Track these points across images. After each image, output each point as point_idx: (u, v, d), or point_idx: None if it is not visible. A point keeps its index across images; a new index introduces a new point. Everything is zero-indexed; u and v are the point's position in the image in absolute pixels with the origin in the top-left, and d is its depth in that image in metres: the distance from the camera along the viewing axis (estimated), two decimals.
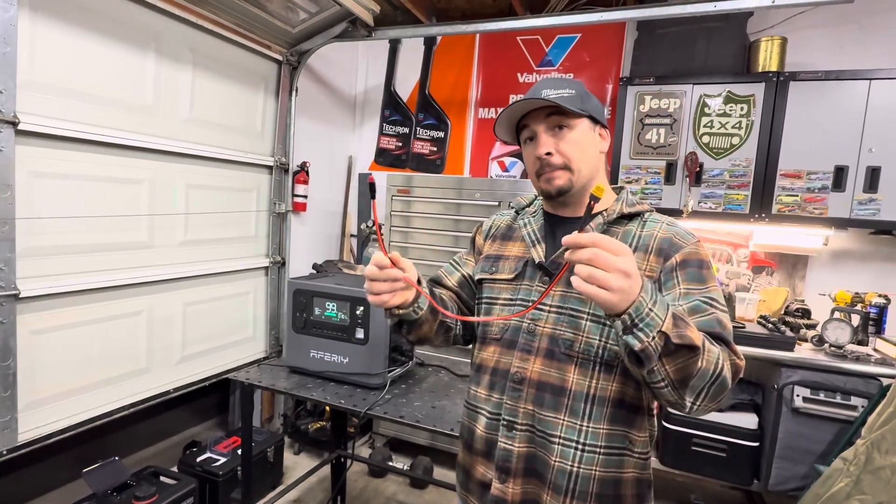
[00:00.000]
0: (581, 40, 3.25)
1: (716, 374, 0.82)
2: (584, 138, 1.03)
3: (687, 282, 0.95)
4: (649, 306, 0.76)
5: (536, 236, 1.10)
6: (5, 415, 1.79)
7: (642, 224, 1.04)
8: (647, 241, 1.00)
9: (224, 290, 2.73)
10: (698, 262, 0.97)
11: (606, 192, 1.06)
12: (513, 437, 1.01)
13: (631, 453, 0.98)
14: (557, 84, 1.03)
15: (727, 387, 0.85)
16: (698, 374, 0.81)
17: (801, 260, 2.86)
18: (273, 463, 2.74)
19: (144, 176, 2.24)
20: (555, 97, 1.00)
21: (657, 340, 0.77)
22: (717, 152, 2.65)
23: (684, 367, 0.80)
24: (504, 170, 3.47)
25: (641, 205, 1.07)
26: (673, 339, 0.77)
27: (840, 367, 2.24)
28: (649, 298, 0.77)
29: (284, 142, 3.01)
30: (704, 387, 0.83)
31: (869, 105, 2.39)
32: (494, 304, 1.11)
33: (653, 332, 0.76)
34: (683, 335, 0.78)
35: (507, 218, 1.21)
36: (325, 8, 2.61)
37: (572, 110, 0.99)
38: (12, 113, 1.71)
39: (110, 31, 2.03)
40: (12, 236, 1.76)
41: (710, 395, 0.84)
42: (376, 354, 1.93)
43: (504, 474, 1.02)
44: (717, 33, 2.68)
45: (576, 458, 0.96)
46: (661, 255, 0.98)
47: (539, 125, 1.03)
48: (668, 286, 0.96)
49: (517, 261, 1.09)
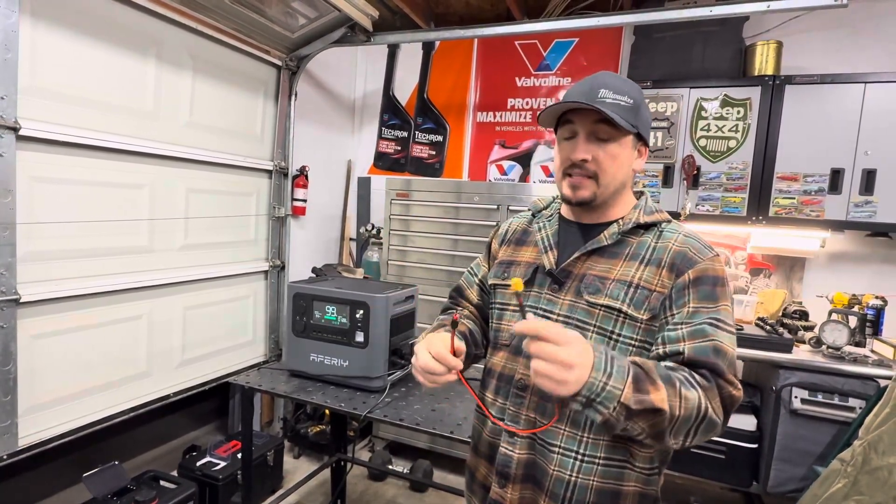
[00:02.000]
0: (578, 44, 3.27)
1: (699, 418, 0.83)
2: (625, 155, 0.99)
3: (698, 300, 0.92)
4: (603, 381, 0.78)
5: (549, 242, 1.08)
6: (5, 419, 1.79)
7: (658, 234, 1.00)
8: (661, 253, 0.97)
9: (224, 294, 2.74)
10: (713, 280, 0.94)
11: (626, 201, 1.05)
12: (514, 443, 1.02)
13: (632, 467, 0.97)
14: (617, 86, 0.96)
15: (716, 424, 0.86)
16: (676, 423, 0.82)
17: (799, 262, 2.87)
18: (273, 467, 2.74)
19: (145, 180, 2.25)
20: (611, 102, 0.94)
21: (618, 410, 0.78)
22: (714, 155, 2.67)
23: (654, 424, 0.81)
24: (502, 173, 3.48)
25: (660, 213, 1.03)
26: (633, 407, 0.78)
27: (838, 368, 2.24)
28: (602, 373, 0.78)
29: (284, 146, 3.02)
30: (690, 430, 0.84)
31: (864, 108, 2.41)
32: (506, 309, 1.11)
33: (611, 404, 0.78)
34: (644, 400, 0.79)
35: (524, 221, 1.19)
36: (324, 13, 2.63)
37: (623, 126, 0.93)
38: (14, 118, 1.72)
39: (111, 37, 2.04)
40: (13, 241, 1.77)
41: (699, 434, 0.85)
42: (376, 358, 1.94)
43: (503, 479, 1.03)
44: (713, 37, 2.70)
45: (574, 468, 0.96)
46: (673, 271, 0.95)
47: (583, 128, 0.97)
48: (678, 304, 0.93)
49: (528, 267, 1.08)
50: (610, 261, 1.00)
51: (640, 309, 0.94)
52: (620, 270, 0.98)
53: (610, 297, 0.96)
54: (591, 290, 0.98)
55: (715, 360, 0.87)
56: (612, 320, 0.96)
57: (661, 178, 2.76)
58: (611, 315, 0.96)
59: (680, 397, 0.81)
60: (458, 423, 1.70)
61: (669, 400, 0.80)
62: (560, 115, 1.02)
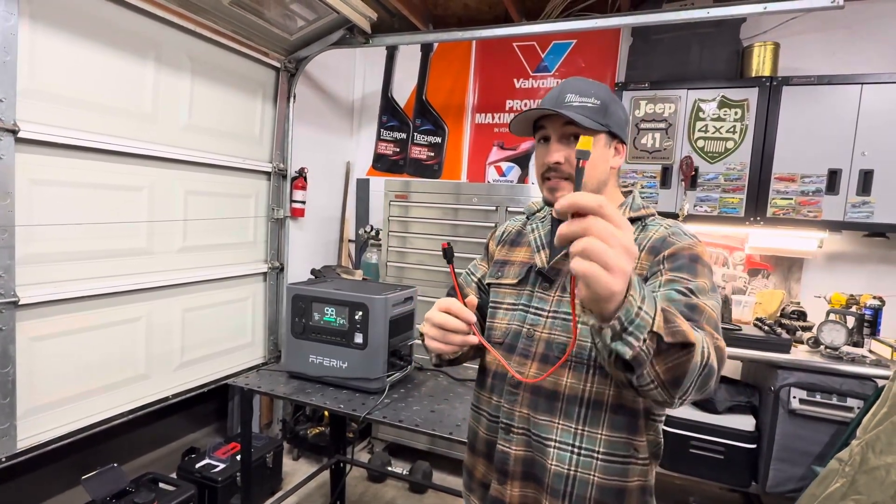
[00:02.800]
0: (576, 46, 3.28)
1: (703, 365, 0.74)
2: (597, 154, 1.00)
3: (672, 271, 0.90)
4: (638, 304, 0.67)
5: (541, 241, 1.10)
6: (4, 422, 1.79)
7: (643, 227, 1.02)
8: (642, 241, 0.98)
9: (223, 296, 2.74)
10: (690, 256, 0.93)
11: (611, 198, 1.05)
12: (510, 440, 1.02)
13: (636, 461, 0.96)
14: (584, 89, 1.00)
15: (713, 375, 0.77)
16: (690, 370, 0.72)
17: (797, 262, 2.88)
18: (272, 468, 2.74)
19: (143, 183, 2.25)
20: (577, 105, 0.98)
21: (648, 343, 0.68)
22: (711, 156, 2.68)
23: (677, 366, 0.71)
24: (501, 174, 3.49)
25: (646, 209, 1.05)
26: (665, 338, 0.69)
27: (836, 368, 2.25)
28: (638, 295, 0.67)
29: (282, 148, 3.02)
30: (698, 374, 0.75)
31: (861, 109, 2.42)
32: (499, 308, 1.12)
33: (643, 333, 0.67)
34: (676, 331, 0.70)
35: (518, 223, 1.22)
36: (323, 15, 2.63)
37: (589, 127, 0.96)
38: (12, 121, 1.72)
39: (110, 40, 2.05)
40: (12, 243, 1.77)
41: (697, 387, 0.76)
42: (375, 359, 1.94)
43: (503, 476, 1.03)
44: (710, 39, 2.71)
45: (572, 462, 0.96)
46: (651, 253, 0.96)
47: (554, 131, 1.02)
48: (652, 275, 0.93)
49: (521, 266, 1.10)
50: None
51: None
52: None
53: None
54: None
55: (690, 314, 0.82)
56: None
57: (658, 179, 2.77)
58: None
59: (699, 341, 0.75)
60: (458, 425, 1.70)
61: (697, 337, 0.73)
62: (534, 122, 1.07)
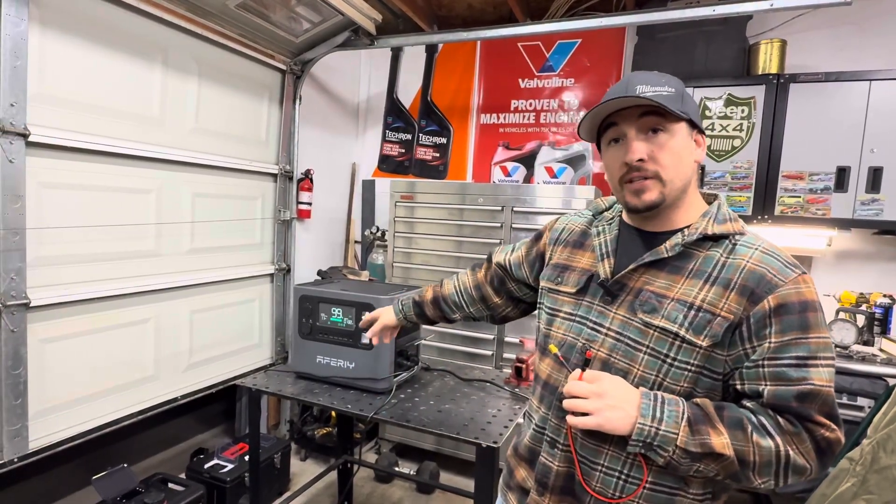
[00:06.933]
0: (581, 45, 3.27)
1: (782, 464, 0.80)
2: (681, 145, 0.89)
3: (782, 333, 0.81)
4: (654, 426, 0.79)
5: (607, 249, 0.99)
6: (16, 423, 1.81)
7: (730, 249, 0.89)
8: (731, 273, 0.85)
9: (230, 298, 2.76)
10: (800, 305, 0.81)
11: (693, 204, 0.95)
12: (554, 454, 0.98)
13: (685, 494, 0.89)
14: (653, 80, 0.89)
15: (805, 469, 0.81)
16: (755, 467, 0.80)
17: (806, 261, 2.85)
18: (280, 469, 2.75)
19: (152, 185, 2.27)
20: (652, 95, 0.86)
21: (678, 454, 0.79)
22: (718, 154, 2.67)
23: (725, 467, 0.80)
24: (506, 175, 3.48)
25: (735, 223, 0.92)
26: (692, 450, 0.79)
27: (846, 367, 2.23)
28: (651, 419, 0.79)
29: (289, 150, 3.04)
30: (774, 473, 0.81)
31: (870, 106, 2.40)
32: (556, 315, 1.04)
33: (669, 447, 0.79)
34: (705, 443, 0.79)
35: (583, 221, 1.11)
36: (328, 18, 2.65)
37: (672, 111, 0.85)
38: (23, 125, 1.75)
39: (118, 44, 2.07)
40: (23, 246, 1.79)
41: (787, 477, 0.82)
42: (382, 359, 1.94)
43: (542, 488, 1.00)
44: (716, 37, 2.70)
45: (617, 488, 0.91)
46: (745, 295, 0.83)
47: (630, 126, 0.89)
48: (759, 336, 0.82)
49: (582, 274, 1.01)
50: (670, 276, 0.90)
51: (700, 335, 0.85)
52: (681, 289, 0.88)
53: (667, 319, 0.87)
54: (646, 309, 0.89)
55: (799, 406, 0.80)
56: (668, 343, 0.87)
57: None
58: (666, 338, 0.87)
59: (752, 443, 0.79)
60: (465, 425, 1.70)
61: (736, 444, 0.79)
62: (601, 123, 0.95)
